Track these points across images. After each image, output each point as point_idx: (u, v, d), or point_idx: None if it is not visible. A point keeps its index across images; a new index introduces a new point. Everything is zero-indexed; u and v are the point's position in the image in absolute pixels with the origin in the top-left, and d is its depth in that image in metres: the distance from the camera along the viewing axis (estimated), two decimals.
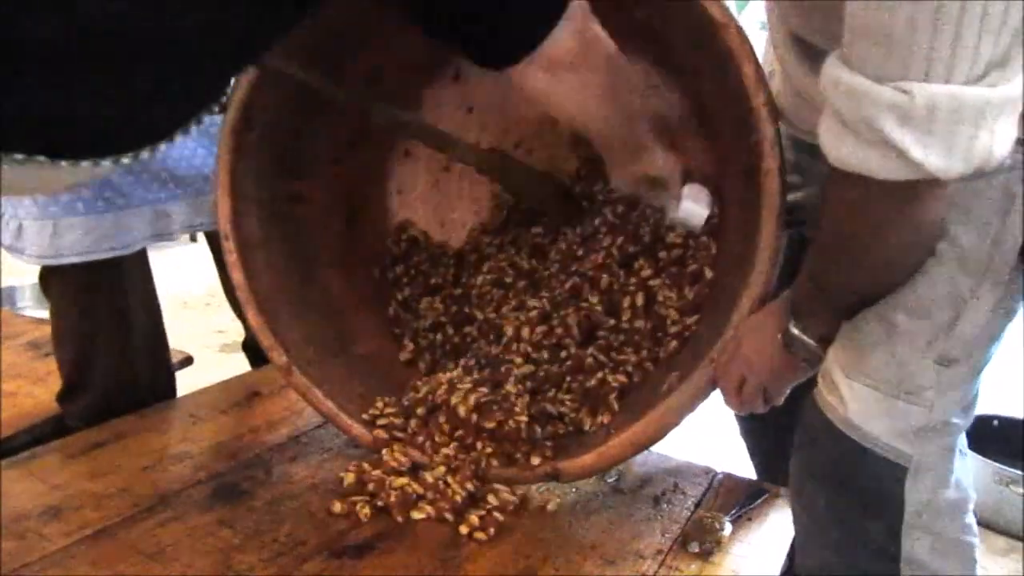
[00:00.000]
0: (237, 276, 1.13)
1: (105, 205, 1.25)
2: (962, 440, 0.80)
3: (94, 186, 1.23)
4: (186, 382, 1.56)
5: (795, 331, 0.85)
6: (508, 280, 1.19)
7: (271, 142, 1.14)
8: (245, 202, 1.14)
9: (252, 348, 1.64)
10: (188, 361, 1.59)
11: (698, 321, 1.03)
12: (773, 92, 1.01)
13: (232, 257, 1.13)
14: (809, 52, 0.89)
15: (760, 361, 0.89)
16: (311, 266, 1.24)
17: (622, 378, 1.05)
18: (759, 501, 1.08)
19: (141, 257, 1.35)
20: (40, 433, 1.31)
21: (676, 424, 0.95)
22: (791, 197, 1.08)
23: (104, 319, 1.30)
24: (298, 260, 1.22)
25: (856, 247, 0.75)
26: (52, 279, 1.29)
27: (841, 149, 0.67)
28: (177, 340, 1.58)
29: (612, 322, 1.08)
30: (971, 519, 0.81)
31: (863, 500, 0.80)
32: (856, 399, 0.79)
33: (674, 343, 1.04)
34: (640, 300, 1.07)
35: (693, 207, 1.04)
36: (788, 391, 0.93)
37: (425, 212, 1.33)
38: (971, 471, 0.83)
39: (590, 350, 1.08)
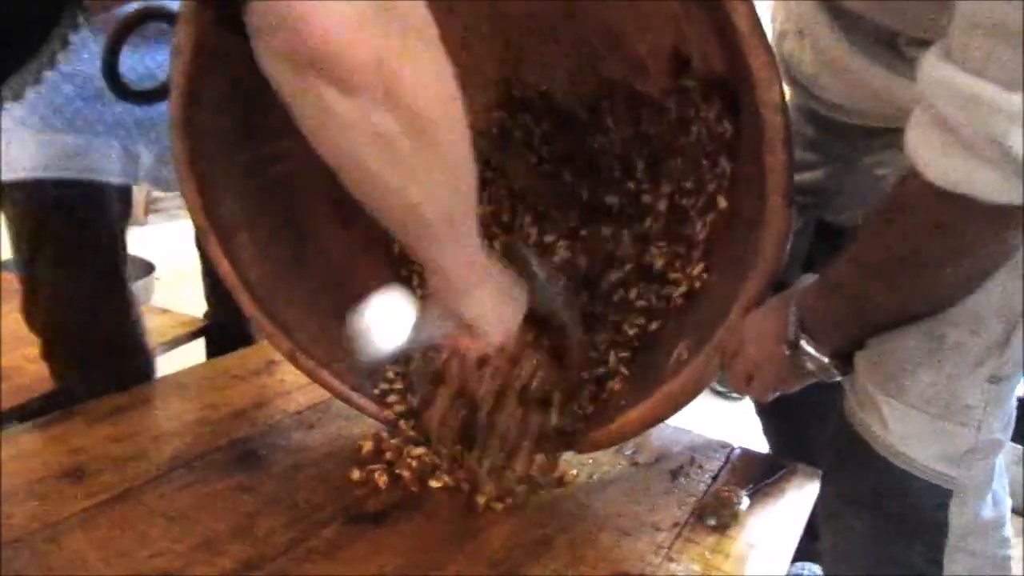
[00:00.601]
0: (223, 267, 1.07)
1: (64, 124, 1.13)
2: (1001, 456, 0.76)
3: (51, 105, 1.12)
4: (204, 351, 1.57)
5: (808, 347, 0.77)
6: (505, 219, 1.15)
7: (230, 113, 1.05)
8: (215, 187, 1.06)
9: (211, 335, 1.56)
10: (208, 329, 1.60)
11: (706, 271, 1.00)
12: (787, 55, 0.93)
13: (214, 248, 1.07)
14: (843, 16, 0.82)
15: (766, 367, 0.82)
16: (304, 227, 1.17)
17: (625, 354, 1.03)
18: (776, 476, 1.08)
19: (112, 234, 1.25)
20: (57, 400, 1.31)
21: (686, 403, 0.93)
22: (807, 177, 1.02)
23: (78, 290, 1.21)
24: (288, 226, 1.15)
25: (926, 270, 0.66)
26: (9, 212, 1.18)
27: (942, 162, 0.57)
28: (199, 307, 1.59)
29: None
30: (1008, 531, 0.78)
31: (903, 525, 0.76)
32: (898, 421, 0.73)
33: (680, 300, 1.01)
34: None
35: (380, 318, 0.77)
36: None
37: None
38: (1006, 479, 0.79)
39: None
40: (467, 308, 0.75)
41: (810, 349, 0.77)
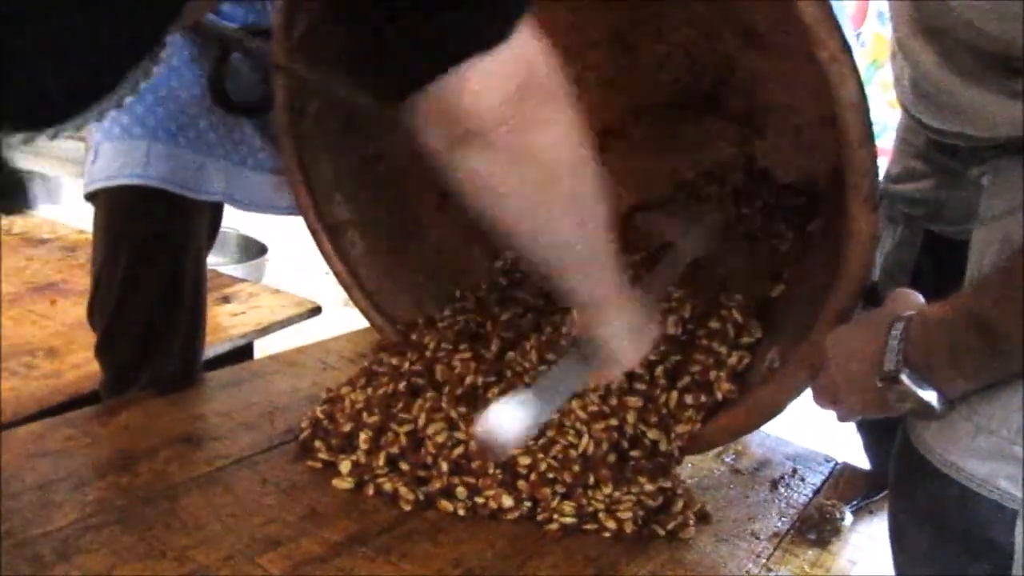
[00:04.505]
0: (337, 266, 1.14)
1: (145, 133, 1.10)
2: None
3: (132, 114, 1.10)
4: (314, 331, 1.63)
5: (910, 384, 0.70)
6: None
7: (333, 119, 1.11)
8: (324, 188, 1.13)
9: None
10: (317, 311, 1.67)
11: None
12: (896, 76, 0.92)
13: (327, 247, 1.13)
14: (939, 36, 0.80)
15: (852, 396, 0.77)
16: (410, 220, 1.21)
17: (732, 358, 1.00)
18: (882, 495, 1.05)
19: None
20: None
21: (777, 413, 0.91)
22: (916, 187, 1.01)
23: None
24: (394, 221, 1.19)
25: None
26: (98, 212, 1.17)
27: None
28: (309, 288, 1.65)
29: None
30: None
31: (969, 545, 0.72)
32: (963, 440, 0.70)
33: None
34: None
35: (503, 420, 0.71)
36: None
37: None
38: None
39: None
40: (605, 335, 0.79)
41: (912, 386, 0.70)
